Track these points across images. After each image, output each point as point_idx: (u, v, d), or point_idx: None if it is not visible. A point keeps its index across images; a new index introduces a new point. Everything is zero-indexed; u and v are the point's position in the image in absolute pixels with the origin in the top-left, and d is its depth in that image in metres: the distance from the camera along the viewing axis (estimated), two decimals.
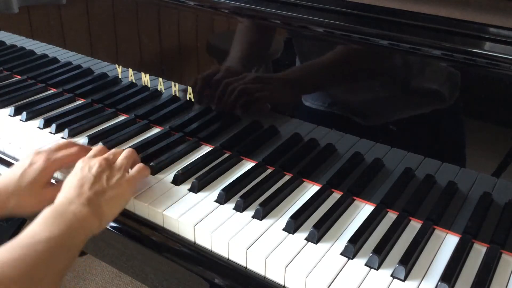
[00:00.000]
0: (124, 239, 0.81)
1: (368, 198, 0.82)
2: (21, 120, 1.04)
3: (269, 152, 0.90)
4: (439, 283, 0.66)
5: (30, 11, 1.17)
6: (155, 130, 1.01)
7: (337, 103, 0.84)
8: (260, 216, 0.77)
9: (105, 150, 0.83)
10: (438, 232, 0.76)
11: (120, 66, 1.06)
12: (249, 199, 0.80)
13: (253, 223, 0.76)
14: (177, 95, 1.00)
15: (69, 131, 0.99)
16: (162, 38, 0.97)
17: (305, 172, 0.87)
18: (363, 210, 0.81)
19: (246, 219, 0.77)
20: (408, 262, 0.68)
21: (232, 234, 0.74)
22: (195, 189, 0.83)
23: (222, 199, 0.80)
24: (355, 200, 0.83)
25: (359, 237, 0.73)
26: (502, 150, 0.71)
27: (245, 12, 0.83)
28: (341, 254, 0.71)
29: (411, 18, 0.70)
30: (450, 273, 0.67)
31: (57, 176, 0.87)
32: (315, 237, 0.73)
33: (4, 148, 0.97)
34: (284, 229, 0.75)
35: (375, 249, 0.70)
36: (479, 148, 0.75)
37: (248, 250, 0.71)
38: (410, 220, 0.78)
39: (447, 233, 0.76)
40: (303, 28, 0.79)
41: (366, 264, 0.70)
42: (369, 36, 0.73)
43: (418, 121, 0.77)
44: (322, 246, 0.73)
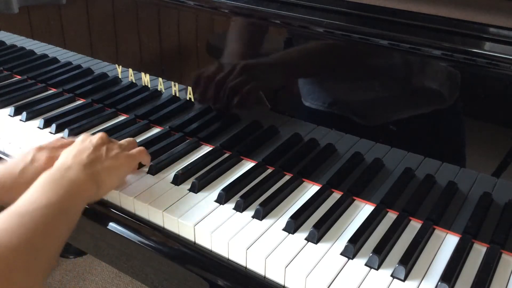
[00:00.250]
0: (124, 239, 0.81)
1: (368, 198, 0.82)
2: (21, 120, 1.04)
3: (269, 152, 0.90)
4: (439, 283, 0.66)
5: (30, 11, 1.17)
6: (155, 130, 1.02)
7: (337, 103, 0.84)
8: (260, 216, 0.77)
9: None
10: (438, 232, 0.76)
11: (120, 66, 1.06)
12: (249, 199, 0.80)
13: (253, 223, 0.76)
14: (177, 95, 1.00)
15: (69, 131, 0.99)
16: (162, 38, 0.97)
17: (305, 172, 0.87)
18: (363, 210, 0.81)
19: (246, 219, 0.77)
20: (408, 262, 0.68)
21: (232, 234, 0.74)
22: (195, 189, 0.83)
23: (222, 199, 0.81)
24: (355, 200, 0.83)
25: (359, 237, 0.73)
26: (502, 150, 0.71)
27: (245, 12, 0.83)
28: (341, 254, 0.71)
29: (411, 18, 0.70)
30: (450, 273, 0.67)
31: None
32: (315, 237, 0.73)
33: (4, 148, 0.97)
34: (284, 229, 0.75)
35: (375, 249, 0.70)
36: (479, 148, 0.75)
37: (248, 250, 0.71)
38: (410, 220, 0.78)
39: (447, 233, 0.76)
40: (303, 28, 0.79)
41: (366, 264, 0.70)
42: (369, 36, 0.73)
43: (418, 121, 0.77)
44: (322, 246, 0.73)
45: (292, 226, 0.75)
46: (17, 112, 1.06)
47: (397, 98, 0.78)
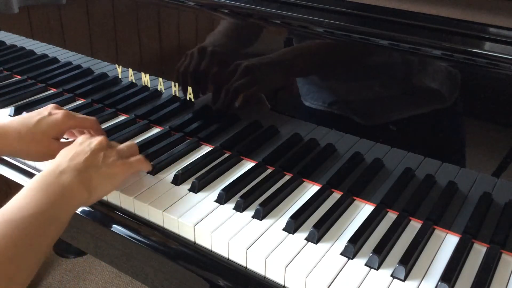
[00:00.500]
0: (124, 239, 0.81)
1: (368, 198, 0.82)
2: None
3: (269, 152, 0.90)
4: (439, 283, 0.66)
5: (30, 11, 1.17)
6: (155, 130, 1.02)
7: (337, 102, 0.84)
8: (260, 216, 0.77)
9: (104, 135, 0.85)
10: (438, 232, 0.76)
11: (120, 66, 1.06)
12: (249, 199, 0.80)
13: (253, 223, 0.76)
14: (177, 95, 1.00)
15: None
16: (162, 38, 0.97)
17: (305, 172, 0.87)
18: (363, 210, 0.81)
19: (246, 219, 0.77)
20: (408, 262, 0.68)
21: (232, 234, 0.74)
22: (195, 189, 0.83)
23: (222, 199, 0.81)
24: (355, 200, 0.83)
25: (359, 237, 0.73)
26: (502, 150, 0.71)
27: (245, 12, 0.83)
28: (341, 254, 0.71)
29: (411, 18, 0.70)
30: (450, 273, 0.67)
31: None
32: (315, 237, 0.73)
33: None
34: (284, 229, 0.75)
35: (375, 249, 0.70)
36: (479, 148, 0.75)
37: (248, 250, 0.71)
38: (410, 220, 0.78)
39: (447, 233, 0.76)
40: (303, 28, 0.79)
41: (366, 264, 0.70)
42: (369, 36, 0.73)
43: (418, 121, 0.77)
44: (322, 246, 0.73)
45: (292, 226, 0.75)
46: (17, 112, 1.06)
47: (397, 98, 0.78)
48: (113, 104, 1.08)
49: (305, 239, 0.74)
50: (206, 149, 0.95)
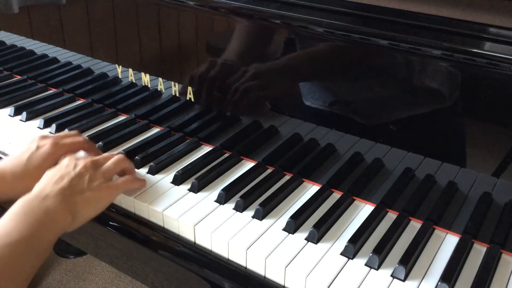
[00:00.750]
0: (124, 239, 0.81)
1: (368, 198, 0.82)
2: (21, 120, 1.04)
3: (269, 152, 0.90)
4: (439, 283, 0.66)
5: (30, 11, 1.17)
6: (155, 130, 1.02)
7: (337, 102, 0.84)
8: (260, 216, 0.77)
9: (97, 152, 0.84)
10: (438, 232, 0.76)
11: (120, 66, 1.06)
12: (249, 199, 0.80)
13: (253, 223, 0.76)
14: (177, 95, 1.00)
15: (69, 131, 0.99)
16: (162, 38, 0.97)
17: (305, 172, 0.87)
18: (363, 210, 0.81)
19: (246, 219, 0.77)
20: (408, 262, 0.68)
21: (232, 234, 0.74)
22: (195, 189, 0.83)
23: (222, 199, 0.81)
24: (355, 200, 0.83)
25: (359, 237, 0.73)
26: (502, 150, 0.71)
27: (245, 12, 0.83)
28: (341, 254, 0.71)
29: (411, 18, 0.70)
30: (450, 273, 0.67)
31: None
32: (315, 237, 0.73)
33: (4, 148, 0.97)
34: (284, 229, 0.75)
35: (375, 249, 0.70)
36: (479, 148, 0.75)
37: (248, 250, 0.71)
38: (410, 220, 0.78)
39: (447, 233, 0.76)
40: (303, 28, 0.79)
41: (366, 264, 0.70)
42: (369, 36, 0.73)
43: (418, 121, 0.77)
44: (322, 246, 0.73)
45: (292, 226, 0.75)
46: (17, 112, 1.06)
47: (397, 98, 0.78)
48: (113, 104, 1.08)
49: (305, 239, 0.74)
50: (206, 149, 0.95)
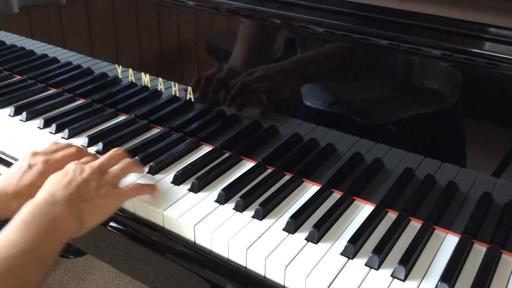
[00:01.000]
0: (124, 239, 0.81)
1: (368, 198, 0.82)
2: (21, 120, 1.04)
3: (269, 152, 0.90)
4: (439, 283, 0.66)
5: (30, 11, 1.17)
6: (155, 130, 1.01)
7: (337, 102, 0.84)
8: (260, 216, 0.77)
9: (93, 158, 0.82)
10: (438, 232, 0.76)
11: (120, 66, 1.06)
12: (249, 199, 0.80)
13: (253, 223, 0.76)
14: (177, 95, 1.00)
15: (69, 131, 0.99)
16: (162, 38, 0.97)
17: (305, 172, 0.87)
18: (363, 210, 0.81)
19: (246, 219, 0.77)
20: (408, 262, 0.68)
21: (232, 234, 0.74)
22: (195, 189, 0.83)
23: (222, 199, 0.81)
24: (355, 200, 0.83)
25: (359, 237, 0.73)
26: (502, 150, 0.71)
27: (245, 12, 0.83)
28: (341, 254, 0.71)
29: (411, 18, 0.70)
30: (450, 273, 0.67)
31: None
32: (315, 237, 0.73)
33: (4, 148, 0.97)
34: (284, 229, 0.75)
35: (375, 249, 0.70)
36: (479, 148, 0.75)
37: (248, 250, 0.71)
38: (410, 220, 0.78)
39: (447, 233, 0.76)
40: (303, 28, 0.79)
41: (366, 264, 0.70)
42: (369, 36, 0.73)
43: (418, 121, 0.77)
44: (322, 246, 0.73)
45: (292, 226, 0.75)
46: (17, 112, 1.06)
47: (397, 98, 0.78)
48: (113, 104, 1.08)
49: (305, 239, 0.74)
50: (206, 149, 0.95)
